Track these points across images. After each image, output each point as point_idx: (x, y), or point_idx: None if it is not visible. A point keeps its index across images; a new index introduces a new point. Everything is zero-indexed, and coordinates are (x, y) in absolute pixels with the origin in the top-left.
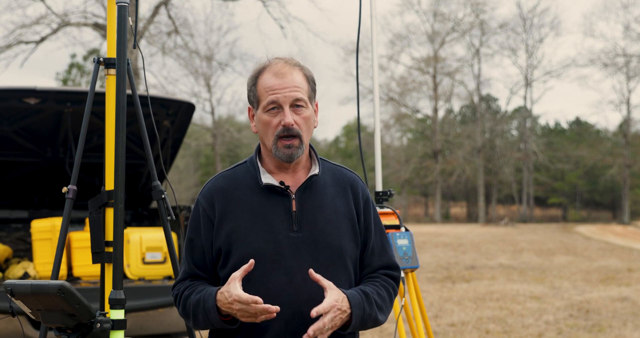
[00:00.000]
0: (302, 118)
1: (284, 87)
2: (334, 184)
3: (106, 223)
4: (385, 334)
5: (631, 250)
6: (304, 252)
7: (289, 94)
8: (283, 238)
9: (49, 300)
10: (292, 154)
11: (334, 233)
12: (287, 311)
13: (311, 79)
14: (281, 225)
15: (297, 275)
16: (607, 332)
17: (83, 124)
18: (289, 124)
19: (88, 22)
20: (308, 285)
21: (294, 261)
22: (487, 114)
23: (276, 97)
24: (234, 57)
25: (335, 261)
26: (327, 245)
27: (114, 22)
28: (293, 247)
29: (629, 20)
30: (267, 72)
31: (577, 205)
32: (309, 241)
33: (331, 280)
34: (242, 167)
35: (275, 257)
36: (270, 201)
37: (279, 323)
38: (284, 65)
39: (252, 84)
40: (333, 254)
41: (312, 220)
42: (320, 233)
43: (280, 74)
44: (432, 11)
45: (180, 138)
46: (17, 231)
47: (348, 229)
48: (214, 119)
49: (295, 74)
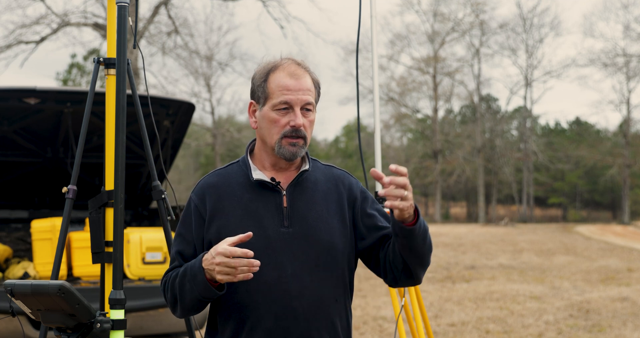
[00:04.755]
0: (309, 121)
1: (299, 89)
2: (325, 182)
3: (106, 223)
4: (385, 334)
5: (631, 250)
6: (294, 247)
7: (302, 97)
8: (273, 233)
9: (49, 300)
10: (297, 152)
11: (325, 228)
12: (277, 306)
13: (317, 84)
14: (272, 221)
15: (287, 270)
16: (607, 332)
17: (83, 124)
18: (298, 126)
19: (88, 22)
20: (298, 280)
21: (285, 257)
22: (487, 114)
23: (289, 98)
24: (234, 57)
25: (326, 257)
26: (318, 241)
27: (114, 22)
28: (284, 242)
29: (629, 20)
30: (280, 71)
31: (577, 205)
32: (299, 237)
33: (321, 275)
34: (234, 165)
35: (266, 252)
36: (261, 197)
37: (270, 319)
38: (297, 67)
39: (263, 80)
40: (323, 250)
41: (302, 215)
42: (311, 229)
43: (296, 75)
44: (432, 11)
45: (180, 138)
46: (17, 231)
47: (339, 225)
48: (214, 119)
49: (307, 77)
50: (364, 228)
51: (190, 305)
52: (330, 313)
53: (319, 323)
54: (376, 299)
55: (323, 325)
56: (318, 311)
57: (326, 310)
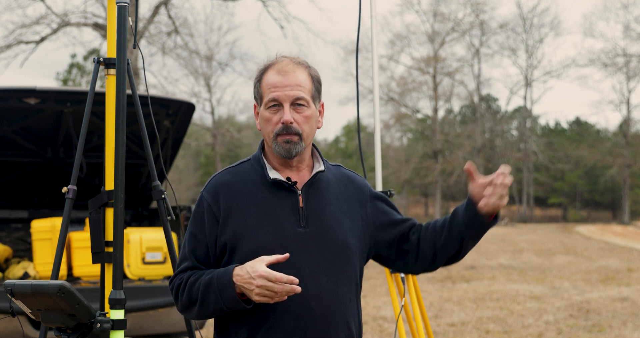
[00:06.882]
0: (303, 117)
1: (286, 85)
2: (336, 182)
3: (106, 223)
4: (385, 334)
5: (631, 250)
6: (311, 247)
7: (290, 93)
8: (291, 233)
9: (49, 300)
10: (290, 149)
11: (339, 228)
12: (296, 307)
13: (316, 78)
14: (288, 221)
15: (304, 270)
16: (607, 332)
17: (83, 124)
18: (287, 122)
19: (88, 22)
20: (315, 280)
21: (302, 257)
22: (487, 114)
23: (277, 95)
24: (234, 57)
25: (341, 257)
26: (333, 240)
27: (114, 22)
28: (301, 242)
29: (629, 20)
30: (271, 69)
31: (577, 205)
32: (315, 237)
33: (337, 275)
34: (246, 164)
35: (283, 252)
36: (276, 197)
37: (288, 319)
38: (288, 63)
39: (257, 81)
40: (339, 249)
41: (318, 215)
42: (326, 229)
43: (284, 72)
44: (432, 11)
45: (180, 138)
46: (17, 231)
47: (351, 224)
48: (214, 119)
49: (299, 72)
50: (381, 225)
51: (211, 313)
52: (345, 312)
53: (336, 323)
54: (376, 299)
55: (339, 324)
56: (335, 311)
57: (342, 309)
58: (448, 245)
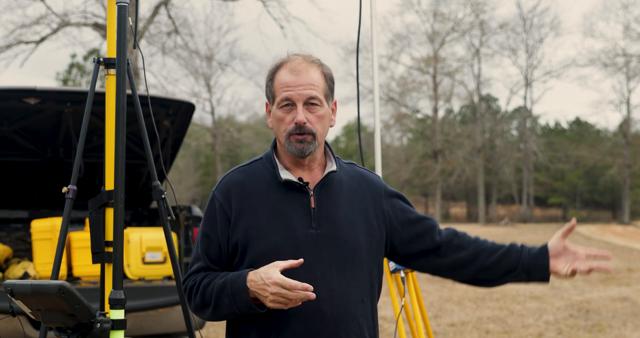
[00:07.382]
0: (316, 116)
1: (299, 84)
2: (349, 180)
3: (106, 223)
4: (385, 334)
5: (631, 250)
6: (322, 249)
7: (303, 92)
8: (302, 234)
9: (49, 300)
10: (304, 148)
11: (351, 229)
12: (307, 309)
13: (329, 77)
14: (300, 222)
15: (316, 272)
16: (607, 332)
17: (83, 124)
18: (300, 122)
19: (88, 22)
20: (327, 282)
21: (313, 259)
22: (487, 114)
23: (290, 95)
24: (234, 57)
25: (353, 258)
26: (345, 242)
27: (114, 22)
28: (312, 244)
29: (629, 20)
30: (284, 68)
31: (577, 205)
32: (327, 238)
33: (349, 277)
34: (258, 163)
35: (294, 254)
36: (288, 198)
37: (299, 322)
38: (301, 61)
39: (269, 80)
40: (351, 250)
41: (330, 216)
42: (338, 230)
43: (297, 71)
44: (432, 11)
45: (180, 138)
46: (17, 231)
47: (364, 224)
48: (214, 119)
49: (312, 71)
50: (399, 223)
51: (224, 316)
52: (356, 314)
53: (347, 325)
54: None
55: (350, 327)
56: (345, 313)
57: (353, 311)
58: (491, 271)
